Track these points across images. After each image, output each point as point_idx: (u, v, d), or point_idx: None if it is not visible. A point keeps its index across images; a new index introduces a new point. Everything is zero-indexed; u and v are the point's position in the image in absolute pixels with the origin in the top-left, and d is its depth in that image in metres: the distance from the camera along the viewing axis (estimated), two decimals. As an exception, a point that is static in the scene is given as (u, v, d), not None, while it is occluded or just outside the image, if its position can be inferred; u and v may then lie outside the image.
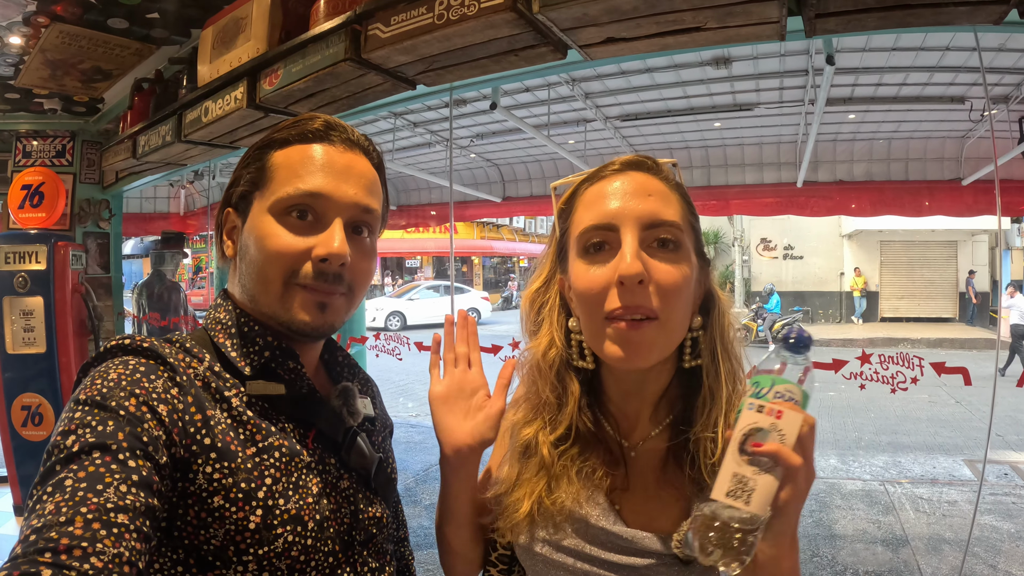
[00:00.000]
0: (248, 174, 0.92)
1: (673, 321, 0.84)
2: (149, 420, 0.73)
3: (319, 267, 0.87)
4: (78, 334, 4.20)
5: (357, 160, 0.92)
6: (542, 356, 0.95)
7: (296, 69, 2.18)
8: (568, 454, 0.92)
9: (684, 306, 0.85)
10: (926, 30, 3.50)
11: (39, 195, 4.17)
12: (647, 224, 0.83)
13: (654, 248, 0.84)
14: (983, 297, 17.27)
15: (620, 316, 0.82)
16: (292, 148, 0.90)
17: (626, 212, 0.84)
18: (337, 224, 0.88)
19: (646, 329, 0.82)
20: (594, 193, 0.88)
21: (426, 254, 27.62)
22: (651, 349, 0.83)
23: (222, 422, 0.81)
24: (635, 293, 0.81)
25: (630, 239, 0.82)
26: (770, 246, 19.53)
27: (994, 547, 4.11)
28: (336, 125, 0.92)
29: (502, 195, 8.48)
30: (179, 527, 0.77)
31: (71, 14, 2.83)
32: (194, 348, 0.86)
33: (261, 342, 0.89)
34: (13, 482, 4.23)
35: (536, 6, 1.57)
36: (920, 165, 6.80)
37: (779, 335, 0.79)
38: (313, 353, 0.99)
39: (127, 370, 0.77)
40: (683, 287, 0.83)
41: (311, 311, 0.88)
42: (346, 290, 0.91)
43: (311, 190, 0.87)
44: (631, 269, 0.80)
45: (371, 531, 0.93)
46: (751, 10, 1.52)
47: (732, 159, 7.35)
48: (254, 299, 0.89)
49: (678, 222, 0.85)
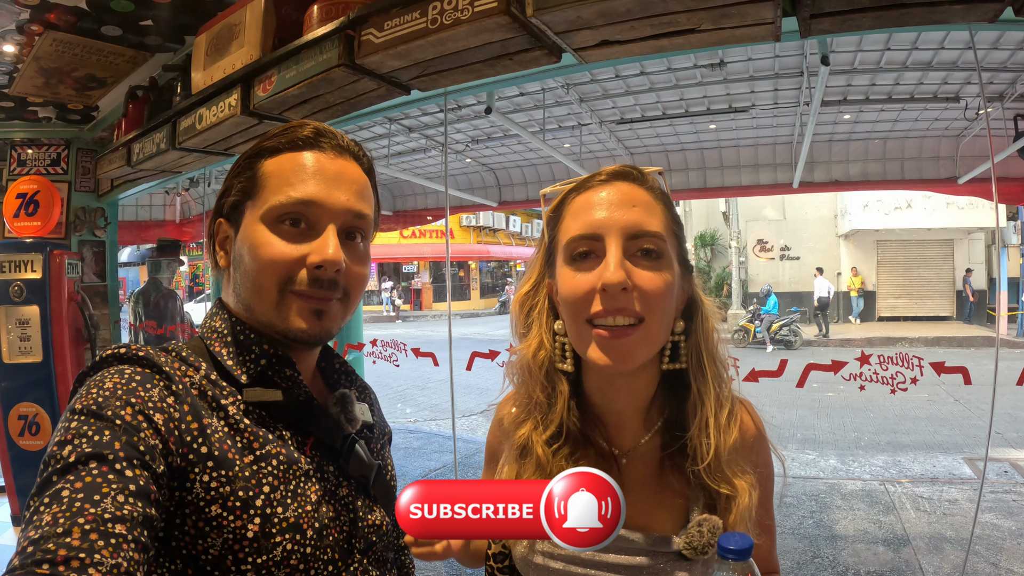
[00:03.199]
0: (239, 183, 0.92)
1: (655, 326, 0.88)
2: (145, 429, 0.73)
3: (314, 274, 0.87)
4: (74, 343, 4.18)
5: (348, 166, 0.93)
6: (532, 357, 0.98)
7: (290, 75, 2.17)
8: (561, 453, 0.95)
9: (666, 312, 0.89)
10: (920, 29, 3.50)
11: (34, 204, 4.15)
12: (631, 234, 0.87)
13: (638, 257, 0.88)
14: (980, 295, 17.30)
15: (603, 318, 0.86)
16: (282, 156, 0.91)
17: (611, 223, 0.88)
18: (331, 231, 0.88)
19: (630, 335, 0.86)
20: (581, 203, 0.92)
21: (423, 259, 27.60)
22: (634, 353, 0.87)
23: (219, 430, 0.81)
24: (617, 299, 0.85)
25: (614, 249, 0.86)
26: (767, 247, 19.55)
27: (996, 545, 4.10)
28: (326, 132, 0.93)
29: (498, 199, 8.48)
30: (177, 537, 0.76)
31: (65, 22, 2.82)
32: (190, 357, 0.86)
33: (257, 350, 0.89)
34: (11, 492, 4.21)
35: (530, 10, 1.57)
36: (916, 164, 6.80)
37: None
38: (310, 360, 0.99)
39: (123, 379, 0.77)
40: (665, 294, 0.88)
41: (307, 318, 0.88)
42: (342, 295, 0.91)
43: (303, 198, 0.87)
44: (614, 278, 0.84)
45: (371, 539, 0.93)
46: (746, 11, 1.52)
47: (728, 161, 7.35)
48: (250, 308, 0.89)
49: (661, 232, 0.89)
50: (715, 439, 0.90)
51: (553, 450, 0.95)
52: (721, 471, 0.90)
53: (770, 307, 15.19)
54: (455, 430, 4.00)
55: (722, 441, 0.90)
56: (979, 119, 5.82)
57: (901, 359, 3.10)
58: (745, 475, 0.91)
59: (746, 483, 0.90)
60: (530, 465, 0.95)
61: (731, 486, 0.89)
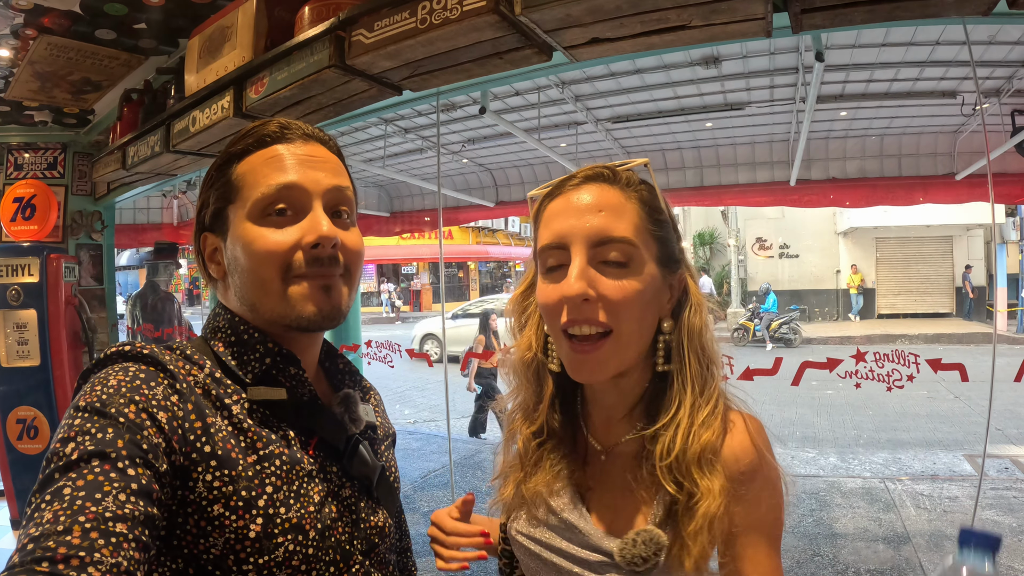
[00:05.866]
0: (215, 192, 0.93)
1: (626, 334, 0.87)
2: (149, 427, 0.73)
3: (312, 254, 0.87)
4: (72, 346, 4.18)
5: (317, 149, 0.94)
6: (522, 357, 0.99)
7: (281, 77, 2.17)
8: (544, 447, 0.98)
9: (637, 318, 0.87)
10: (915, 23, 3.50)
11: (31, 207, 4.15)
12: (595, 242, 0.86)
13: (605, 264, 0.86)
14: (979, 291, 17.30)
15: (571, 328, 0.86)
16: (253, 156, 0.92)
17: (575, 231, 0.87)
18: (317, 208, 0.89)
19: (600, 347, 0.86)
20: (552, 210, 0.91)
21: (422, 260, 27.60)
22: (605, 364, 0.87)
23: (222, 429, 0.81)
24: (581, 309, 0.85)
25: (577, 259, 0.86)
26: (765, 245, 19.55)
27: (995, 542, 4.09)
28: (290, 124, 0.94)
29: (495, 199, 8.49)
30: (178, 536, 0.76)
31: (59, 26, 2.82)
32: (194, 355, 0.86)
33: (261, 348, 0.89)
34: (9, 495, 4.21)
35: (518, 8, 1.57)
36: (913, 161, 6.81)
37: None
38: (312, 358, 0.98)
39: (127, 376, 0.76)
40: (632, 301, 0.86)
41: (316, 298, 0.88)
42: (343, 271, 0.91)
43: (283, 183, 0.88)
44: (571, 291, 0.84)
45: (373, 540, 0.93)
46: (736, 7, 1.51)
47: (725, 159, 7.36)
48: (255, 307, 0.89)
49: (628, 237, 0.87)
50: (682, 435, 0.85)
51: (536, 444, 0.98)
52: (686, 470, 0.84)
53: (769, 305, 15.18)
54: (450, 431, 4.00)
55: (691, 438, 0.85)
56: (976, 115, 5.81)
57: (897, 356, 3.10)
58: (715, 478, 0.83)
59: (716, 486, 0.82)
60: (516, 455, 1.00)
61: (694, 484, 0.83)
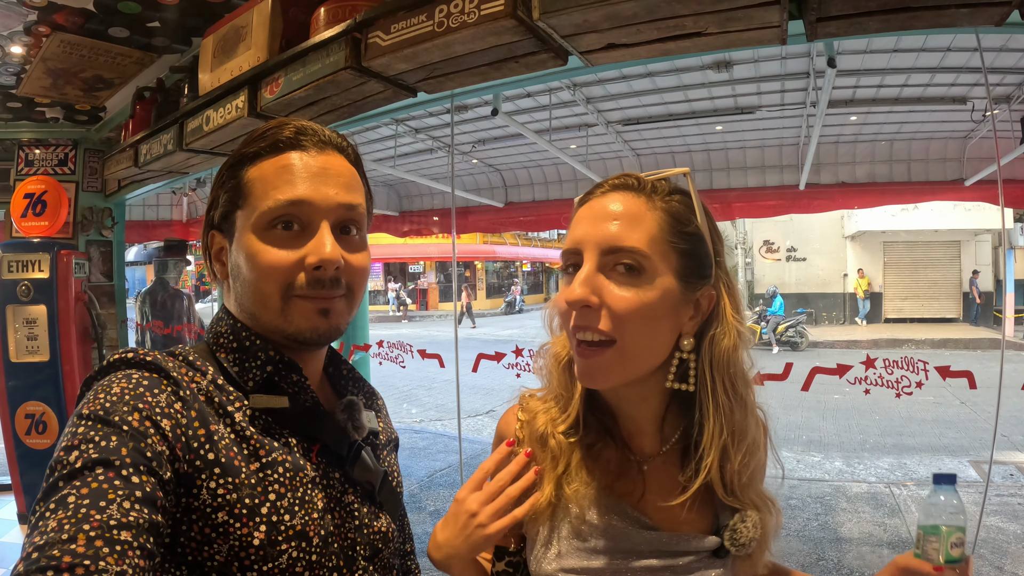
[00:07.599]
0: (225, 194, 0.91)
1: (633, 346, 0.85)
2: (152, 435, 0.72)
3: (314, 275, 0.86)
4: (82, 342, 4.21)
5: (332, 160, 0.91)
6: (555, 353, 0.99)
7: (297, 77, 2.18)
8: (581, 444, 0.95)
9: (644, 330, 0.85)
10: (927, 32, 3.49)
11: (42, 204, 4.18)
12: (606, 250, 0.85)
13: (617, 272, 0.85)
14: (987, 297, 17.21)
15: (576, 333, 0.86)
16: (265, 161, 0.89)
17: (589, 237, 0.87)
18: (324, 228, 0.87)
19: (603, 354, 0.85)
20: (579, 215, 0.92)
21: (429, 259, 27.60)
22: (607, 373, 0.86)
23: (225, 437, 0.80)
24: (584, 315, 0.85)
25: (586, 266, 0.86)
26: (773, 248, 19.49)
27: (1001, 548, 4.08)
28: (306, 129, 0.91)
29: (504, 200, 8.49)
30: (182, 543, 0.76)
31: (72, 23, 2.84)
32: (197, 361, 0.86)
33: (263, 356, 0.88)
34: (17, 490, 4.24)
35: (536, 13, 1.57)
36: (923, 166, 6.78)
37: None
38: (316, 364, 0.98)
39: (130, 384, 0.76)
40: (640, 312, 0.84)
41: (314, 319, 0.87)
42: (345, 291, 0.90)
43: (291, 199, 0.86)
44: (572, 296, 0.84)
45: (377, 546, 0.93)
46: (752, 15, 1.51)
47: (734, 162, 7.33)
48: (254, 316, 0.89)
49: (640, 248, 0.85)
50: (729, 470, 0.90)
51: (570, 442, 0.95)
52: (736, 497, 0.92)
53: (776, 308, 15.12)
54: (460, 431, 4.01)
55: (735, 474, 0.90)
56: (986, 121, 5.79)
57: (906, 363, 3.09)
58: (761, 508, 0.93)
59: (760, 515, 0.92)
60: (547, 454, 0.95)
61: (753, 508, 0.92)
